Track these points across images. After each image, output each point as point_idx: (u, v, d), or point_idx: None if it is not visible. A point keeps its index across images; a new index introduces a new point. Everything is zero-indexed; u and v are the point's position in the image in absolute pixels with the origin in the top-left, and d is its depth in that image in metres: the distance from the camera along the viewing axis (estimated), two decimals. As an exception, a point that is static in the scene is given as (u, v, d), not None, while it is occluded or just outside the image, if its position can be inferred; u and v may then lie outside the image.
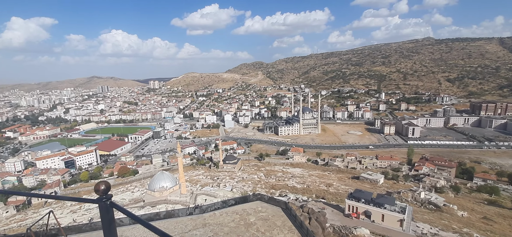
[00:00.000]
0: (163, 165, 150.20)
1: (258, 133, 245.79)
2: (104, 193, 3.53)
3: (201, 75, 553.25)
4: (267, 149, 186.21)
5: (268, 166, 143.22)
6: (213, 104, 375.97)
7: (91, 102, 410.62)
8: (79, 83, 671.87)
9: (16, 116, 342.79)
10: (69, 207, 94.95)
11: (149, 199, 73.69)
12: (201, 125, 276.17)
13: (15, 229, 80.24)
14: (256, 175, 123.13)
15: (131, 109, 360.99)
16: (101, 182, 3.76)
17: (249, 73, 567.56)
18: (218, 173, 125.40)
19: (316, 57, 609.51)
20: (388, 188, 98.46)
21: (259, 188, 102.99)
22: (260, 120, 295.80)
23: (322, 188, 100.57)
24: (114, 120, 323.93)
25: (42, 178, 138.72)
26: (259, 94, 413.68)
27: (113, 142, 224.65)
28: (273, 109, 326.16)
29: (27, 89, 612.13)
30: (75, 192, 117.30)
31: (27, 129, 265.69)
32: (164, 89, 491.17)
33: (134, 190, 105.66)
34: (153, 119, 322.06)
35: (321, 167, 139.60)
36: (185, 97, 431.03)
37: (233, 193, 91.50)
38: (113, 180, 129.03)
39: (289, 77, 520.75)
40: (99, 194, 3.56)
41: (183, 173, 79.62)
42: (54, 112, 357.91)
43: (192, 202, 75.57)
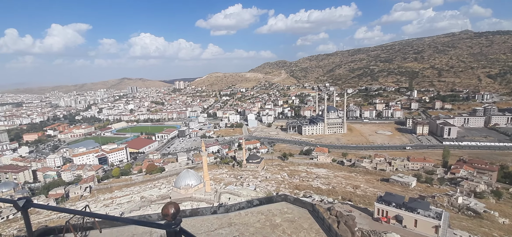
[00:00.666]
0: (188, 163, 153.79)
1: (281, 132, 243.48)
2: (173, 217, 3.12)
3: (225, 75, 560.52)
4: (290, 149, 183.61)
5: (291, 166, 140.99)
6: (236, 103, 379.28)
7: (122, 102, 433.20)
8: (111, 85, 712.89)
9: (56, 116, 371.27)
10: (102, 202, 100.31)
11: (175, 196, 75.25)
12: (224, 124, 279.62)
13: (55, 220, 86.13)
14: (279, 175, 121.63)
15: (158, 109, 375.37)
16: (170, 205, 3.32)
17: (272, 72, 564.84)
18: (242, 172, 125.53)
19: (341, 54, 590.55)
20: (421, 191, 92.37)
21: (283, 188, 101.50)
22: (283, 119, 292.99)
23: (349, 190, 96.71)
24: (142, 119, 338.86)
25: (79, 174, 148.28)
26: (282, 93, 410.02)
27: (141, 140, 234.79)
28: (296, 108, 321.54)
29: (65, 91, 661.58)
30: (107, 187, 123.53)
31: (65, 128, 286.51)
32: (189, 89, 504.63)
33: (161, 187, 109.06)
34: (179, 118, 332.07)
35: (347, 168, 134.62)
36: (209, 96, 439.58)
37: (256, 192, 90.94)
38: (141, 177, 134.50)
39: (313, 76, 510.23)
40: (167, 219, 3.14)
41: (208, 171, 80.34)
42: (89, 112, 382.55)
43: (216, 200, 76.07)
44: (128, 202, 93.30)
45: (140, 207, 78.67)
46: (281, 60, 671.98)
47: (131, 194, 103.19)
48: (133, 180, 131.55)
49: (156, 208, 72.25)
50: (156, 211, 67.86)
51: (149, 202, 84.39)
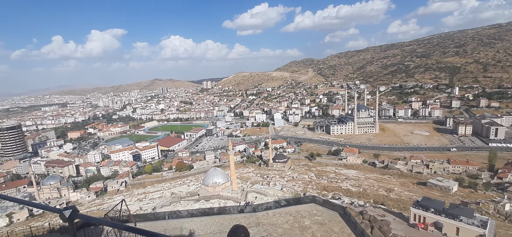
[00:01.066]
0: (215, 162, 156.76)
1: (308, 132, 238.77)
2: None
3: (251, 74, 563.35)
4: (318, 149, 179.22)
5: (319, 166, 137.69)
6: (262, 102, 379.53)
7: (153, 102, 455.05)
8: (144, 86, 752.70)
9: (95, 115, 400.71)
10: (136, 196, 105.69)
11: (203, 193, 76.77)
12: (251, 123, 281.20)
13: (95, 212, 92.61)
14: (306, 175, 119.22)
15: (186, 108, 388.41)
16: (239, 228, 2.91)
17: (298, 71, 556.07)
18: (268, 172, 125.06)
19: (373, 50, 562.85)
20: (464, 197, 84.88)
21: (310, 189, 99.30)
22: (310, 118, 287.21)
23: (381, 193, 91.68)
24: (172, 118, 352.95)
25: (115, 169, 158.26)
26: (309, 92, 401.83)
27: (171, 138, 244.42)
28: (324, 107, 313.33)
29: (103, 92, 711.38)
30: (140, 182, 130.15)
31: (103, 126, 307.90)
32: (216, 88, 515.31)
33: (190, 184, 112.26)
34: (206, 118, 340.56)
35: (380, 170, 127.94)
36: (235, 96, 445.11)
37: (283, 192, 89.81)
38: (171, 174, 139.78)
39: (342, 73, 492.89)
40: None
41: (234, 170, 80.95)
42: (124, 112, 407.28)
43: (243, 199, 76.34)
44: (160, 197, 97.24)
45: (170, 203, 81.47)
46: (308, 58, 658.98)
47: (162, 190, 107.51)
48: (164, 176, 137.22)
49: (185, 204, 74.33)
50: (185, 207, 69.86)
51: (179, 198, 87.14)
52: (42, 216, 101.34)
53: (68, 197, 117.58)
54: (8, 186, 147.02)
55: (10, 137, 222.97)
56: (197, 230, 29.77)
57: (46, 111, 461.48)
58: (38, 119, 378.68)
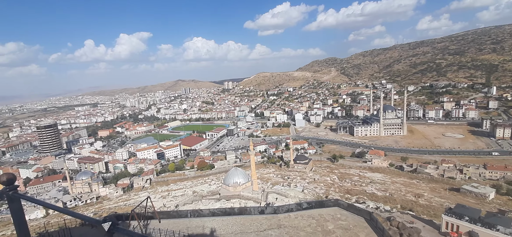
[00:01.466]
0: (236, 161, 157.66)
1: (330, 133, 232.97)
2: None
3: (272, 75, 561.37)
4: (341, 150, 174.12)
5: (342, 168, 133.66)
6: (283, 103, 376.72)
7: (177, 102, 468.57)
8: (168, 86, 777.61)
9: (123, 115, 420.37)
10: (160, 193, 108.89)
11: (224, 192, 77.18)
12: (271, 123, 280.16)
13: (123, 207, 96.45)
14: (329, 177, 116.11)
15: (208, 108, 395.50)
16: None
17: (321, 70, 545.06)
18: (289, 173, 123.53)
19: (401, 48, 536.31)
20: (501, 205, 78.14)
21: (333, 192, 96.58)
22: (333, 119, 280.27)
23: (409, 198, 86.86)
24: (194, 118, 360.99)
25: (141, 167, 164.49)
26: (332, 92, 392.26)
27: (193, 138, 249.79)
28: (347, 108, 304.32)
29: (130, 93, 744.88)
30: (164, 180, 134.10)
31: (130, 125, 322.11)
32: (237, 89, 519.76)
33: (211, 183, 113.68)
34: (227, 118, 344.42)
35: (408, 174, 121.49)
36: (256, 96, 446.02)
37: (304, 194, 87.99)
38: (193, 172, 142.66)
39: (367, 73, 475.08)
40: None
41: (255, 170, 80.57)
42: (149, 111, 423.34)
43: (263, 199, 75.71)
44: (182, 195, 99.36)
45: (192, 201, 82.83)
46: (331, 58, 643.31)
47: (184, 188, 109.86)
48: (186, 175, 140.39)
49: (207, 203, 75.18)
50: (207, 205, 70.66)
51: (200, 196, 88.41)
52: (76, 209, 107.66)
53: (98, 192, 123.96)
54: (45, 180, 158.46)
55: (47, 134, 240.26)
56: (219, 230, 29.84)
57: (79, 110, 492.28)
58: (72, 118, 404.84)
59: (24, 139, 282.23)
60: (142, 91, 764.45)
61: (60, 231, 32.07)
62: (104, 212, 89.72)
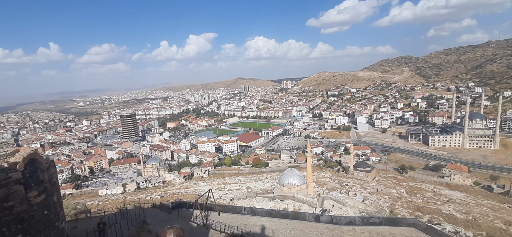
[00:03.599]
0: (290, 162, 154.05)
1: (399, 140, 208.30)
2: None
3: (333, 74, 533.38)
4: (411, 161, 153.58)
5: (411, 181, 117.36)
6: (345, 104, 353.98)
7: (236, 99, 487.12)
8: (228, 84, 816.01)
9: (187, 109, 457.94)
10: (216, 185, 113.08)
11: (278, 192, 75.03)
12: (330, 126, 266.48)
13: (184, 193, 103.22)
14: (395, 189, 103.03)
15: (265, 107, 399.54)
16: None
17: (391, 70, 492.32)
18: (347, 179, 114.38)
19: (496, 45, 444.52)
20: None
21: (399, 207, 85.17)
22: (402, 125, 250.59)
23: (498, 226, 70.23)
24: (251, 115, 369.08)
25: (201, 158, 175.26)
26: (404, 94, 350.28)
27: (250, 135, 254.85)
28: (422, 113, 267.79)
29: (195, 89, 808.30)
30: (220, 173, 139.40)
31: (193, 119, 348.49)
32: (295, 88, 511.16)
33: (264, 180, 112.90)
34: (284, 117, 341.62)
35: (498, 196, 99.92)
36: (315, 96, 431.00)
37: (365, 205, 79.49)
38: (248, 168, 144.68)
39: (449, 74, 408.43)
40: None
41: (311, 173, 76.04)
42: (210, 107, 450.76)
43: (318, 204, 70.91)
44: (237, 189, 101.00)
45: (246, 197, 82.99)
46: (404, 56, 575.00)
47: (239, 183, 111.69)
48: (241, 170, 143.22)
49: (261, 200, 74.07)
50: (261, 203, 69.52)
51: (254, 193, 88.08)
52: (145, 190, 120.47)
53: (164, 177, 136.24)
54: (125, 161, 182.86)
55: (128, 123, 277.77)
56: (277, 232, 28.73)
57: (152, 103, 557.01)
58: (147, 110, 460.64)
59: (111, 126, 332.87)
60: (205, 87, 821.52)
61: (136, 209, 35.10)
62: (169, 196, 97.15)
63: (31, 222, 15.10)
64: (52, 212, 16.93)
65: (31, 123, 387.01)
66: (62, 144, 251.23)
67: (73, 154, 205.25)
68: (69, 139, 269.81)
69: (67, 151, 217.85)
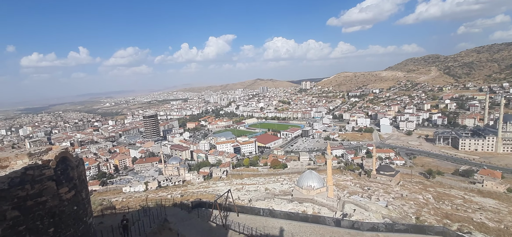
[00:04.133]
0: (309, 164, 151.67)
1: (425, 143, 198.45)
2: None
3: (355, 75, 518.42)
4: (439, 166, 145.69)
5: (439, 187, 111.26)
6: (367, 105, 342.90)
7: (254, 100, 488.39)
8: (247, 85, 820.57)
9: (207, 110, 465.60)
10: (235, 185, 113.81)
11: (296, 194, 74.07)
12: (351, 127, 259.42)
13: (203, 193, 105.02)
14: (421, 195, 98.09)
15: (284, 108, 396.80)
16: None
17: (417, 70, 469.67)
18: (370, 183, 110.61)
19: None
20: None
21: (426, 213, 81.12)
22: (429, 127, 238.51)
23: (536, 237, 64.55)
24: (270, 116, 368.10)
25: (219, 159, 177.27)
26: (431, 95, 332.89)
27: (268, 136, 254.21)
28: (451, 115, 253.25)
29: (214, 90, 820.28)
30: (239, 174, 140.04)
31: (212, 120, 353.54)
32: (315, 89, 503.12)
33: (283, 182, 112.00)
34: (303, 118, 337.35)
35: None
36: (335, 97, 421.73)
37: (388, 210, 76.27)
38: (266, 170, 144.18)
39: (482, 73, 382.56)
40: None
41: (331, 175, 74.24)
42: (229, 108, 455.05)
43: (339, 209, 69.03)
44: (255, 190, 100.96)
45: (265, 198, 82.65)
46: (431, 55, 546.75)
47: (257, 184, 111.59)
48: (259, 171, 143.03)
49: (279, 202, 73.47)
50: (279, 204, 68.94)
51: (272, 195, 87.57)
52: (166, 189, 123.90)
53: (184, 176, 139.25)
54: (147, 160, 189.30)
55: (150, 123, 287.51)
56: (295, 235, 28.47)
57: (173, 104, 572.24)
58: (168, 110, 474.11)
59: (134, 126, 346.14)
60: (224, 88, 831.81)
61: (157, 207, 36.13)
62: (189, 195, 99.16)
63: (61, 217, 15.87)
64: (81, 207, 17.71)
65: (62, 122, 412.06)
66: (89, 143, 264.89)
67: (100, 152, 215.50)
68: (96, 138, 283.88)
69: (94, 149, 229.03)
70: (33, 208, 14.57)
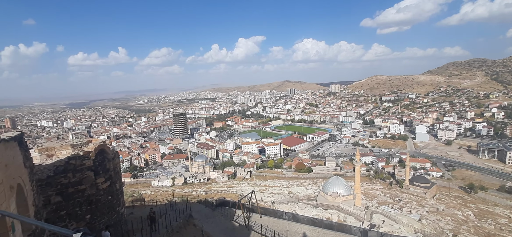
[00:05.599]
0: (336, 169, 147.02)
1: (467, 154, 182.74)
2: None
3: (389, 78, 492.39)
4: (482, 180, 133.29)
5: (481, 203, 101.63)
6: (401, 111, 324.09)
7: (281, 102, 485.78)
8: (274, 86, 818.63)
9: (233, 110, 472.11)
10: (258, 187, 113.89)
11: (321, 200, 72.18)
12: (383, 134, 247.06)
13: (227, 192, 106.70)
14: (460, 211, 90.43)
15: (311, 111, 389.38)
16: None
17: (460, 75, 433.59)
18: (401, 194, 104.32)
19: None
20: None
21: (465, 231, 74.82)
22: (472, 137, 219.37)
23: None
24: (296, 119, 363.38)
25: (244, 159, 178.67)
26: (475, 102, 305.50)
27: (294, 139, 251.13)
28: (498, 125, 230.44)
29: (241, 91, 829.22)
30: (263, 175, 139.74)
31: (239, 120, 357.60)
32: (345, 92, 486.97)
33: (307, 186, 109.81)
34: (331, 122, 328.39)
35: None
36: (367, 102, 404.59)
37: (422, 224, 71.40)
38: (290, 173, 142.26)
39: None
40: None
41: (359, 183, 71.24)
42: (256, 109, 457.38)
43: (366, 218, 65.95)
44: (278, 193, 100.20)
45: (288, 202, 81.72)
46: (477, 59, 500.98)
47: (281, 187, 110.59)
48: (284, 174, 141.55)
49: (303, 207, 72.15)
50: (303, 209, 67.71)
51: (296, 199, 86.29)
52: (191, 185, 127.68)
53: (209, 175, 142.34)
54: (174, 157, 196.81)
55: (179, 121, 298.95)
56: None
57: (201, 104, 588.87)
58: (196, 109, 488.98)
59: (164, 123, 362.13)
60: (251, 89, 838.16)
61: (183, 202, 37.46)
62: (213, 193, 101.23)
63: (98, 205, 17.01)
64: (115, 198, 18.85)
65: (101, 117, 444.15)
66: (124, 137, 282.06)
67: (132, 146, 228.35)
68: (130, 133, 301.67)
69: (128, 143, 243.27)
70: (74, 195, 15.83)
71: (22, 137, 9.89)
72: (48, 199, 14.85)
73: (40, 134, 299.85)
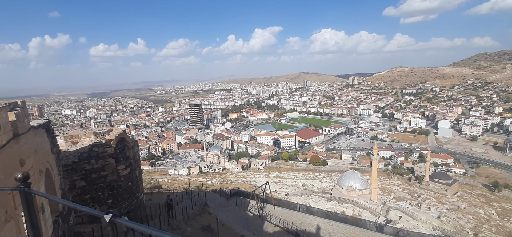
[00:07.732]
0: (352, 163, 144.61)
1: (493, 151, 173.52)
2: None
3: (411, 70, 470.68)
4: (507, 178, 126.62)
5: (506, 202, 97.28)
6: (424, 105, 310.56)
7: (297, 94, 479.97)
8: (290, 78, 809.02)
9: (249, 101, 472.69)
10: (272, 178, 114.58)
11: (336, 194, 71.60)
12: (403, 128, 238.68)
13: (241, 182, 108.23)
14: (482, 209, 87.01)
15: (328, 103, 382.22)
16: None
17: (489, 67, 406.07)
18: (421, 191, 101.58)
19: None
20: None
21: (487, 230, 72.52)
22: (500, 133, 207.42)
23: None
24: (312, 111, 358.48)
25: (258, 150, 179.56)
26: (504, 97, 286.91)
27: (309, 131, 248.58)
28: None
29: (257, 82, 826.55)
30: (277, 167, 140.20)
31: (254, 112, 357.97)
32: (364, 85, 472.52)
33: (322, 180, 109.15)
34: (348, 115, 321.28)
35: None
36: (387, 94, 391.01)
37: (441, 222, 69.38)
38: (305, 165, 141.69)
39: None
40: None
41: (376, 178, 69.82)
42: (271, 101, 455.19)
43: (382, 214, 64.83)
44: (292, 185, 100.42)
45: (302, 194, 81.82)
46: (507, 50, 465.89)
47: (295, 179, 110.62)
48: (298, 166, 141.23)
49: (317, 200, 71.94)
50: (317, 202, 67.54)
51: (310, 191, 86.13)
52: (207, 175, 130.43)
53: (224, 165, 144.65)
54: (190, 147, 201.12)
55: (195, 111, 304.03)
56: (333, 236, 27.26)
57: (217, 95, 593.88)
58: (212, 100, 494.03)
59: (181, 113, 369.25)
60: (267, 81, 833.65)
61: (198, 191, 38.49)
62: (227, 183, 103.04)
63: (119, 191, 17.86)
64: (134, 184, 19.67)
65: (120, 107, 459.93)
66: (142, 127, 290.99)
67: (150, 136, 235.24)
68: (148, 123, 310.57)
69: (146, 133, 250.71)
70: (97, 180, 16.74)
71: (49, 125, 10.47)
72: (73, 183, 15.76)
73: (64, 122, 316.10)
